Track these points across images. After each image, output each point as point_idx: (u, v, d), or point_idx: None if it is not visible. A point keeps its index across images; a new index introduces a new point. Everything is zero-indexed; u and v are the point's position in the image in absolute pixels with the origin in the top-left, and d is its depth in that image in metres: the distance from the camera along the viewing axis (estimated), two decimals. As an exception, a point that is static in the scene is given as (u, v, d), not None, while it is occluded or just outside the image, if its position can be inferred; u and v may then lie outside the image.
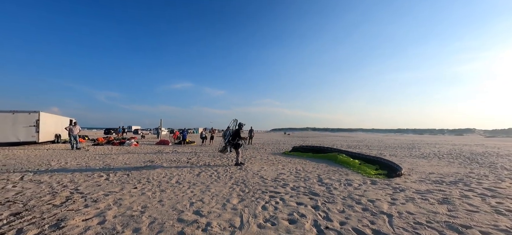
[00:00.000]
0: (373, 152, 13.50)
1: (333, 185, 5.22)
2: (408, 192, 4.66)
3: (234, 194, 4.43)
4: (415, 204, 3.92)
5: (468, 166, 8.52)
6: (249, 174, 6.42)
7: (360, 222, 3.12)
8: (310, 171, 6.98)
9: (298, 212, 3.49)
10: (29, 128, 14.16)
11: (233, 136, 8.15)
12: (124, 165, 7.80)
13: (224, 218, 3.24)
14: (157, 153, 12.13)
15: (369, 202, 3.98)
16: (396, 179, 5.93)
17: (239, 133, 8.09)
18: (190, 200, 4.05)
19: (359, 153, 9.89)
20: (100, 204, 3.75)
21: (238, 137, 8.05)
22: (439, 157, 11.31)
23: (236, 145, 8.00)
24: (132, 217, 3.22)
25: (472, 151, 14.92)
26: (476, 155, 12.23)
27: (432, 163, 9.20)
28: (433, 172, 7.11)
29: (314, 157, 10.41)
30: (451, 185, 5.39)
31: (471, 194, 4.57)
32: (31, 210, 3.49)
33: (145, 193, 4.44)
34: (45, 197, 4.15)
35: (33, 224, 2.96)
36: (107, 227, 2.89)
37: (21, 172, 6.34)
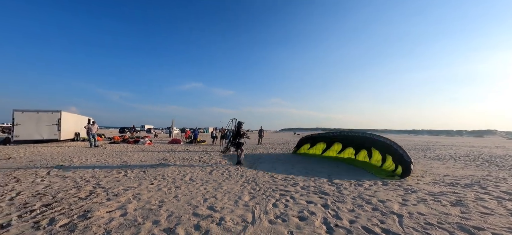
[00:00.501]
0: (385, 153, 13.23)
1: (343, 185, 5.25)
2: (420, 194, 4.63)
3: (245, 192, 4.58)
4: (427, 205, 3.90)
5: (486, 169, 8.24)
6: (260, 173, 6.55)
7: (369, 221, 3.18)
8: (320, 171, 7.02)
9: (308, 210, 3.59)
10: (51, 126, 15.02)
11: (234, 136, 8.11)
12: (140, 163, 8.16)
13: (237, 213, 3.39)
14: (170, 151, 12.53)
15: (380, 202, 4.00)
16: (409, 180, 5.86)
17: (239, 131, 8.02)
18: (203, 196, 4.24)
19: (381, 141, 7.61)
20: (121, 198, 4.02)
21: (239, 136, 8.00)
22: (455, 159, 10.96)
23: (238, 144, 7.97)
24: (151, 211, 3.44)
25: (491, 153, 14.30)
26: (495, 158, 11.74)
27: (447, 165, 8.95)
28: (448, 174, 6.94)
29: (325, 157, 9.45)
30: (466, 187, 5.27)
31: (486, 197, 4.47)
32: (59, 202, 3.80)
33: (161, 189, 4.68)
34: (71, 190, 4.47)
35: (63, 214, 3.24)
36: (129, 219, 3.12)
37: (47, 168, 6.81)
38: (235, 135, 8.06)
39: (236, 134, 8.05)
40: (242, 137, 8.08)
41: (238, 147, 7.93)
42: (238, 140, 7.94)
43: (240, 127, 8.12)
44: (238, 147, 7.93)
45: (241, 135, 8.06)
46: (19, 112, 14.28)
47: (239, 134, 8.01)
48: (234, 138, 8.05)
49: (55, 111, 15.25)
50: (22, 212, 3.32)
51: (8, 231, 2.75)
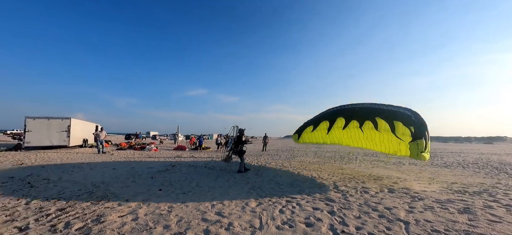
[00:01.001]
0: (391, 160, 13.12)
1: (349, 192, 5.27)
2: (427, 201, 4.61)
3: (252, 198, 4.65)
4: (434, 212, 3.90)
5: (495, 176, 8.11)
6: (265, 180, 6.61)
7: (376, 228, 3.21)
8: (326, 178, 7.03)
9: (314, 216, 3.64)
10: (61, 133, 15.41)
11: (235, 143, 7.99)
12: (147, 169, 8.30)
13: (244, 219, 3.46)
14: (176, 157, 12.68)
15: (386, 209, 4.02)
16: (415, 188, 5.83)
17: (241, 139, 7.93)
18: (211, 202, 4.33)
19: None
20: (131, 203, 4.13)
21: (241, 143, 7.90)
22: (463, 166, 10.80)
23: (240, 152, 7.86)
24: (161, 216, 3.54)
25: (501, 160, 14.02)
26: (505, 165, 11.52)
27: (455, 173, 8.84)
28: (456, 182, 6.87)
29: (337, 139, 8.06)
30: (475, 195, 5.23)
31: (495, 205, 4.43)
32: (73, 206, 3.93)
33: (169, 195, 4.78)
34: (83, 195, 4.62)
35: (78, 219, 3.37)
36: (140, 223, 3.23)
37: (58, 174, 7.00)
38: (237, 142, 7.95)
39: (238, 141, 7.96)
40: (244, 144, 8.00)
41: (241, 154, 7.86)
42: (240, 147, 7.84)
43: (241, 134, 8.04)
44: (241, 154, 7.86)
45: (243, 142, 8.00)
46: (30, 119, 14.72)
47: (241, 141, 7.92)
48: (236, 146, 7.94)
49: (65, 118, 15.67)
50: (38, 216, 3.45)
51: (27, 234, 2.88)
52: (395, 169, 9.57)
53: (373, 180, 6.95)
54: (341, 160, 12.66)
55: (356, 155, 16.64)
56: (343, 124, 7.51)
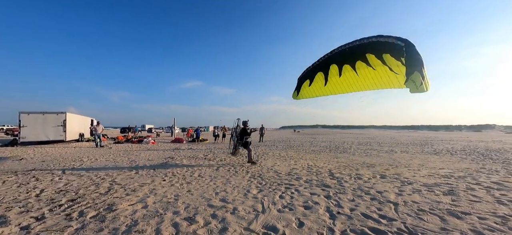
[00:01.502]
0: (384, 148, 13.62)
1: (344, 179, 5.59)
2: (416, 185, 4.97)
3: (253, 186, 4.92)
4: (421, 195, 4.25)
5: (480, 162, 8.59)
6: (264, 169, 6.89)
7: (368, 208, 3.52)
8: (321, 166, 7.36)
9: (312, 200, 3.93)
10: (57, 128, 15.31)
11: (240, 135, 8.21)
12: (148, 161, 8.48)
13: (248, 204, 3.73)
14: (174, 150, 12.85)
15: (377, 193, 4.34)
16: (405, 174, 6.20)
17: (245, 130, 8.14)
18: (214, 190, 4.58)
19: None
20: (138, 193, 4.34)
21: (245, 135, 8.10)
22: (451, 153, 11.33)
23: (245, 144, 8.07)
24: (169, 203, 3.77)
25: (487, 147, 14.69)
26: (491, 151, 12.11)
27: (444, 159, 9.31)
28: (443, 168, 7.29)
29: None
30: (459, 179, 5.62)
31: (477, 187, 4.82)
32: (83, 197, 4.12)
33: (174, 185, 5.01)
34: (90, 187, 4.80)
35: (90, 208, 3.57)
36: (150, 210, 3.45)
37: (60, 168, 7.13)
38: (241, 134, 8.17)
39: (243, 132, 8.18)
40: (249, 135, 8.18)
41: (246, 146, 8.06)
42: (245, 139, 8.06)
43: (245, 125, 8.25)
44: (246, 146, 8.06)
45: (248, 133, 8.18)
46: (25, 114, 14.57)
47: (246, 133, 8.12)
48: (241, 138, 8.16)
49: (61, 112, 15.54)
50: (51, 207, 3.64)
51: (45, 222, 3.07)
52: (387, 157, 10.00)
53: (366, 167, 7.31)
54: (336, 150, 13.07)
55: (350, 144, 17.13)
56: (337, 71, 7.22)
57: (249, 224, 3.00)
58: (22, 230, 2.85)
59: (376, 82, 6.70)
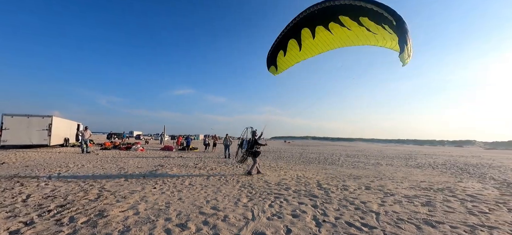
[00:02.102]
0: (370, 161, 14.07)
1: (331, 189, 5.81)
2: (397, 196, 5.26)
3: (243, 195, 5.04)
4: (401, 205, 4.52)
5: (458, 176, 9.10)
6: (254, 179, 7.02)
7: (352, 217, 3.73)
8: (310, 177, 7.58)
9: (300, 209, 4.10)
10: (41, 132, 14.83)
11: (251, 144, 7.92)
12: (137, 169, 8.40)
13: (238, 212, 3.85)
14: (164, 158, 12.73)
15: (361, 203, 4.58)
16: (389, 186, 6.51)
17: (256, 140, 7.87)
18: (205, 198, 4.66)
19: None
20: (129, 200, 4.36)
21: (256, 145, 7.86)
22: (433, 167, 11.88)
23: (255, 153, 7.84)
24: (161, 210, 3.83)
25: (466, 162, 15.48)
26: (469, 166, 12.80)
27: (425, 173, 9.77)
28: (424, 181, 7.69)
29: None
30: (438, 191, 5.98)
31: (453, 199, 5.16)
32: (72, 203, 4.10)
33: (164, 192, 5.05)
34: (79, 193, 4.75)
35: (80, 214, 3.57)
36: (142, 217, 3.51)
37: (45, 173, 6.95)
38: (252, 143, 7.89)
39: (253, 142, 7.87)
40: (260, 146, 7.96)
41: (255, 156, 7.86)
42: (255, 149, 7.85)
43: (255, 135, 8.02)
44: (255, 156, 7.86)
45: (257, 142, 7.91)
46: (8, 117, 14.06)
47: (256, 143, 7.86)
48: (251, 147, 7.91)
49: (47, 116, 15.11)
50: (40, 212, 3.61)
51: (35, 227, 3.06)
52: (373, 169, 10.37)
53: (353, 179, 7.59)
54: (325, 161, 13.38)
55: (338, 156, 17.55)
56: (310, 34, 6.70)
57: (239, 230, 3.13)
58: (16, 232, 2.84)
59: (353, 40, 6.32)
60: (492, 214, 4.16)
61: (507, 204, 4.90)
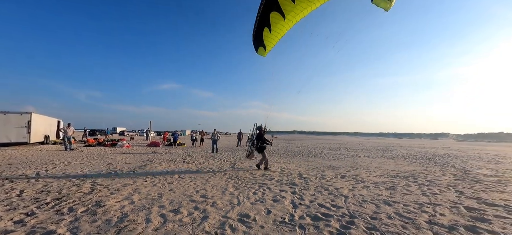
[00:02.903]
0: (350, 153, 15.04)
1: (310, 179, 6.42)
2: (367, 183, 5.96)
3: (230, 185, 5.49)
4: (368, 190, 5.20)
5: (425, 165, 10.12)
6: (240, 171, 7.49)
7: (324, 200, 4.32)
8: (293, 169, 8.18)
9: (280, 195, 4.64)
10: (20, 129, 14.31)
11: (257, 139, 8.04)
12: (126, 164, 8.57)
13: (225, 199, 4.31)
14: (151, 153, 12.85)
15: (335, 189, 5.20)
16: (362, 174, 7.25)
17: (261, 135, 7.97)
18: (195, 189, 5.07)
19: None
20: (123, 192, 4.67)
21: (261, 140, 7.96)
22: (405, 158, 12.99)
23: (261, 148, 7.95)
24: (154, 199, 4.20)
25: (435, 153, 16.94)
26: (436, 156, 14.10)
27: (397, 163, 10.74)
28: (394, 170, 8.55)
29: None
30: (403, 178, 6.78)
31: (413, 184, 5.95)
32: (67, 196, 4.34)
33: (156, 185, 5.38)
34: (72, 188, 4.97)
35: (78, 205, 3.86)
36: (138, 205, 3.86)
37: (32, 171, 6.99)
38: (258, 138, 8.01)
39: (259, 137, 8.00)
40: (265, 141, 8.05)
41: (261, 151, 7.95)
42: (260, 144, 7.97)
43: (261, 130, 8.11)
44: (261, 151, 7.95)
45: (264, 139, 8.02)
46: (-17, 114, 13.42)
47: (262, 138, 7.96)
48: (257, 142, 8.02)
49: (25, 113, 14.58)
50: (38, 205, 3.85)
51: (37, 217, 3.33)
52: (351, 160, 11.21)
53: (331, 169, 8.29)
54: (308, 154, 14.14)
55: (321, 149, 18.46)
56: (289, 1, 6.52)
57: (226, 213, 3.59)
58: (16, 223, 3.10)
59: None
60: (441, 195, 4.93)
61: (456, 187, 5.75)
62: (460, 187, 5.68)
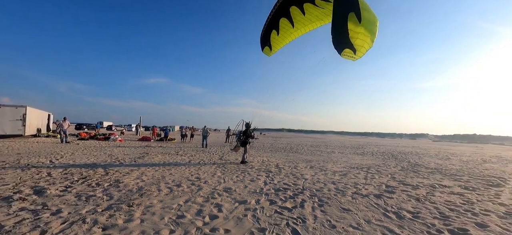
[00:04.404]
0: (328, 150, 16.79)
1: (284, 168, 7.92)
2: (327, 171, 7.53)
3: (218, 171, 6.87)
4: (325, 175, 6.75)
5: (385, 160, 11.91)
6: (227, 162, 8.88)
7: (289, 181, 5.81)
8: (272, 161, 9.66)
9: (256, 178, 6.08)
10: (15, 122, 14.86)
11: (243, 134, 8.85)
12: (126, 155, 9.70)
13: (214, 180, 5.69)
14: (145, 147, 13.92)
15: (300, 175, 6.72)
16: (330, 165, 8.84)
17: (247, 131, 8.84)
18: (190, 173, 6.40)
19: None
20: (132, 175, 5.92)
21: (246, 136, 8.83)
22: (373, 154, 14.86)
23: (244, 142, 8.85)
24: (159, 179, 5.50)
25: (401, 151, 19.10)
26: (400, 154, 16.11)
27: (364, 158, 12.50)
28: (357, 163, 10.23)
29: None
30: (358, 169, 8.42)
31: (362, 172, 7.58)
32: (90, 177, 5.54)
33: (157, 171, 6.65)
34: (89, 171, 6.15)
35: (102, 182, 5.09)
36: (148, 182, 5.15)
37: (43, 159, 8.00)
38: (243, 134, 8.84)
39: (245, 133, 8.84)
40: (249, 137, 8.91)
41: (244, 145, 8.85)
42: (244, 138, 8.85)
43: (248, 127, 8.91)
44: (244, 145, 8.85)
45: (249, 135, 8.87)
46: (-22, 107, 13.89)
47: (247, 134, 8.80)
48: (243, 136, 8.86)
49: (20, 106, 15.12)
50: (70, 182, 5.03)
51: (76, 188, 4.54)
52: (326, 156, 12.87)
53: (305, 162, 9.85)
54: (290, 150, 15.72)
55: (303, 146, 20.16)
56: (299, 11, 6.97)
57: (215, 187, 4.97)
58: (63, 191, 4.31)
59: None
60: (377, 179, 6.56)
61: (394, 174, 7.43)
62: (397, 175, 7.37)
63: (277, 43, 7.75)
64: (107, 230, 2.80)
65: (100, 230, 2.79)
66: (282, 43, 7.85)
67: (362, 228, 3.13)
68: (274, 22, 7.27)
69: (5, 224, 2.87)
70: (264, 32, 7.55)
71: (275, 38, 7.60)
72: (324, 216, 3.53)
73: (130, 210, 3.47)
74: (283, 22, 7.18)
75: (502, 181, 6.80)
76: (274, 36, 7.58)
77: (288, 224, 3.17)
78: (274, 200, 4.23)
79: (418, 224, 3.34)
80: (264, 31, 7.58)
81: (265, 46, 7.83)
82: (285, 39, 7.70)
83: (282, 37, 7.58)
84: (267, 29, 7.49)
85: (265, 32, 7.54)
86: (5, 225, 2.83)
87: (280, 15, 7.02)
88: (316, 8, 6.39)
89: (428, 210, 3.93)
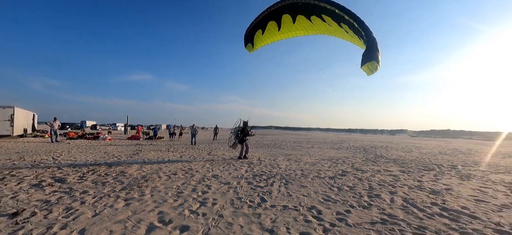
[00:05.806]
0: (308, 145, 18.33)
1: (264, 161, 9.20)
2: (300, 162, 8.90)
3: (207, 164, 8.02)
4: (298, 165, 8.11)
5: (356, 153, 13.53)
6: (215, 157, 10.03)
7: (266, 168, 7.09)
8: (255, 156, 10.92)
9: (239, 168, 7.31)
10: (3, 122, 15.04)
11: (241, 132, 9.41)
12: (120, 153, 10.55)
13: (204, 170, 6.85)
14: (136, 145, 14.70)
15: (276, 165, 8.03)
16: (305, 159, 10.23)
17: (244, 129, 9.45)
18: (183, 165, 7.51)
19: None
20: (133, 167, 6.93)
21: (242, 133, 9.48)
22: (347, 149, 16.55)
23: (242, 140, 9.52)
24: (157, 170, 6.57)
25: (373, 145, 21.10)
26: (372, 148, 17.96)
27: (338, 152, 14.07)
28: (330, 156, 11.73)
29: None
30: (329, 160, 9.88)
31: (330, 163, 9.03)
32: (96, 170, 6.49)
33: (154, 164, 7.69)
34: (93, 167, 7.07)
35: (111, 172, 6.08)
36: (148, 172, 6.21)
37: (43, 156, 8.74)
38: (241, 132, 9.45)
39: (243, 131, 9.49)
40: (247, 135, 9.57)
41: (242, 142, 9.51)
42: (242, 136, 9.48)
43: (246, 125, 9.53)
44: (242, 142, 9.51)
45: (247, 132, 9.52)
46: (-35, 108, 13.97)
47: (244, 131, 9.44)
48: (240, 134, 9.45)
49: (8, 107, 15.29)
50: (81, 173, 5.98)
51: (89, 177, 5.53)
52: (305, 150, 14.33)
53: (284, 155, 11.20)
54: (274, 146, 17.08)
55: (287, 142, 21.64)
56: (290, 20, 7.19)
57: (204, 174, 6.14)
58: (80, 179, 5.29)
59: (332, 32, 6.82)
60: (340, 167, 8.00)
61: (354, 164, 8.94)
62: (357, 164, 8.88)
63: (260, 41, 8.15)
64: (129, 201, 3.91)
65: (123, 201, 3.89)
66: (264, 42, 8.26)
67: (309, 196, 4.46)
68: (262, 23, 7.59)
69: (49, 199, 3.89)
70: (250, 30, 7.88)
71: (259, 37, 7.98)
72: (286, 190, 4.84)
73: (141, 190, 4.57)
74: (271, 24, 7.53)
75: (438, 168, 8.50)
76: (258, 35, 7.94)
77: (259, 195, 4.43)
78: (251, 182, 5.49)
79: (350, 193, 4.73)
80: (249, 29, 7.90)
81: (248, 43, 8.19)
82: (268, 39, 8.11)
83: (266, 37, 7.99)
84: (253, 28, 7.82)
85: (250, 30, 7.87)
86: (49, 200, 3.85)
87: (270, 19, 7.35)
88: (307, 21, 6.82)
89: (363, 186, 5.36)
